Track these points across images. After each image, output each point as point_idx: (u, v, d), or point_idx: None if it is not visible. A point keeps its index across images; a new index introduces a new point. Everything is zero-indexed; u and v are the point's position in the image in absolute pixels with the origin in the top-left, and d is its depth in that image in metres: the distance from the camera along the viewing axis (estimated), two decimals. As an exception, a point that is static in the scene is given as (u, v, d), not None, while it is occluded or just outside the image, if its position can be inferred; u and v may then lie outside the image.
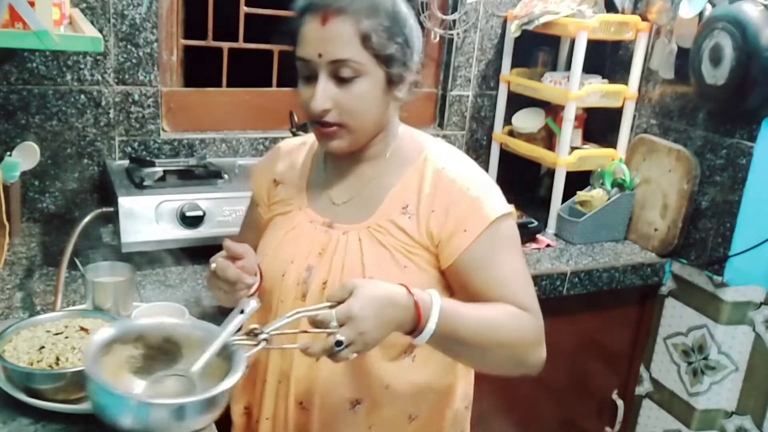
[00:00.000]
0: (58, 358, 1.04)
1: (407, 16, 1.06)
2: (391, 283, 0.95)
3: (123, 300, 1.25)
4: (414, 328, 0.94)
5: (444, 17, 2.10)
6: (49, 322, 1.14)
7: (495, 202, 1.06)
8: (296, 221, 1.14)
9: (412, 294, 0.93)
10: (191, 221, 1.55)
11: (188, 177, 1.71)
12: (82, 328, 1.12)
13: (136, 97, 1.80)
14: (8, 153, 1.63)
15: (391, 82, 1.05)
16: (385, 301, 0.91)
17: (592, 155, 2.06)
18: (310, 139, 1.22)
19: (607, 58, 2.15)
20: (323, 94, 1.02)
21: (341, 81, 1.02)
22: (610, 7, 2.03)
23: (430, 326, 0.93)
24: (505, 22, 2.14)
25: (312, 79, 1.03)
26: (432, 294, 0.96)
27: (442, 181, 1.07)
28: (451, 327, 0.96)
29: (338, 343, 0.87)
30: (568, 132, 1.96)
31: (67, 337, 1.09)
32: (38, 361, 1.04)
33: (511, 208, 1.09)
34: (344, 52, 1.00)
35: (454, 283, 1.09)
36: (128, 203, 1.51)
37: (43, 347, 1.06)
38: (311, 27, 1.02)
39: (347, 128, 1.05)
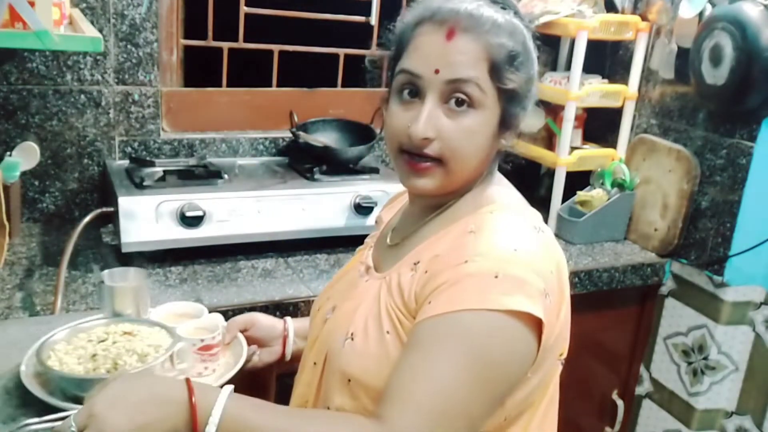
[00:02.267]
0: (116, 363, 1.02)
1: (534, 56, 0.90)
2: (164, 375, 0.82)
3: (142, 304, 1.25)
4: None
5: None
6: (82, 333, 1.10)
7: (485, 294, 0.79)
8: (355, 260, 1.10)
9: (192, 389, 0.78)
10: (191, 221, 1.55)
11: (188, 177, 1.70)
12: (126, 333, 1.10)
13: (136, 97, 1.80)
14: (8, 153, 1.63)
15: (503, 124, 0.90)
16: (145, 396, 0.77)
17: (592, 155, 2.06)
18: None
19: (607, 58, 2.15)
20: (429, 119, 0.86)
21: (451, 110, 0.87)
22: (610, 7, 2.03)
23: (210, 430, 0.77)
24: (505, 22, 2.14)
25: (414, 98, 0.89)
26: (220, 393, 0.79)
27: (458, 244, 0.86)
28: None
29: None
30: (568, 132, 1.96)
31: (114, 342, 1.06)
32: (94, 369, 1.01)
33: (514, 306, 0.79)
34: (470, 71, 0.85)
35: None
36: (128, 203, 1.51)
37: (95, 355, 1.03)
38: (431, 39, 0.87)
39: (445, 167, 0.89)
